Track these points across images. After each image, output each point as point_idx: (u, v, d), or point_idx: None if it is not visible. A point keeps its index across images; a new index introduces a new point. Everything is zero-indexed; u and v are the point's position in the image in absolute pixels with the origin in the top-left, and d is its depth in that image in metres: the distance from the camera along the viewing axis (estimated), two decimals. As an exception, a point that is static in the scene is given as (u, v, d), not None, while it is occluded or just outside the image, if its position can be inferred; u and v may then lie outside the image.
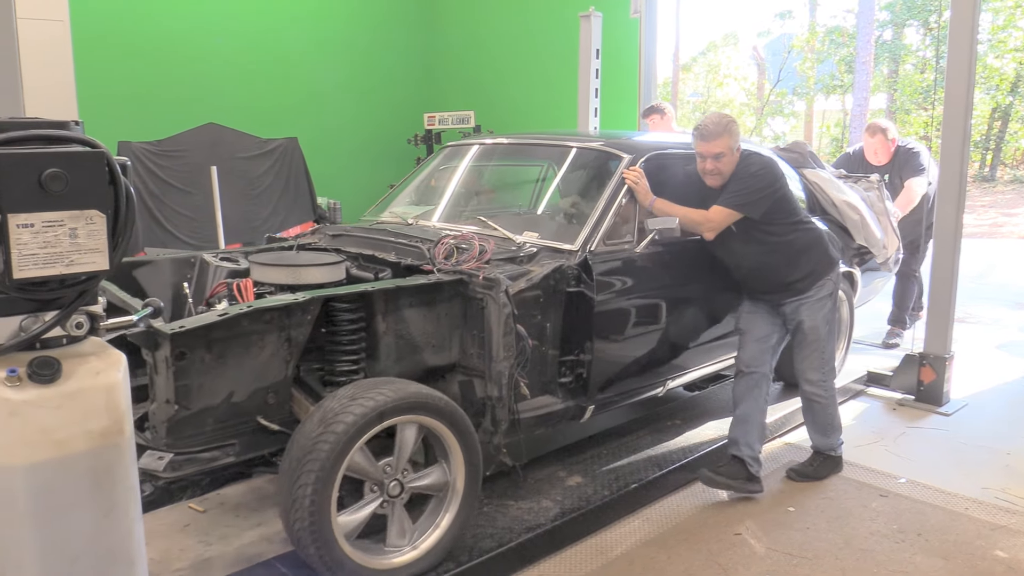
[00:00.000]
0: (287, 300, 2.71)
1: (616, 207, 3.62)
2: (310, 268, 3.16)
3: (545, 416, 3.35)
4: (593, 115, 6.80)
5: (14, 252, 1.56)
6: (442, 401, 2.81)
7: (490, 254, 3.23)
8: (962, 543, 3.30)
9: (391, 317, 3.00)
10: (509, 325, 2.98)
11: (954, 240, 4.70)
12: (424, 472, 2.90)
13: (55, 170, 1.58)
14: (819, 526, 3.44)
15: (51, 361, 1.65)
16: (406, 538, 2.83)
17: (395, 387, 2.72)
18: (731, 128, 3.53)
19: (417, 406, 2.73)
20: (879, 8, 20.10)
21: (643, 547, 3.27)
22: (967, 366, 5.50)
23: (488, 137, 4.80)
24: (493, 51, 9.50)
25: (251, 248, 4.04)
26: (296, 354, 2.80)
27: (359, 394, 2.65)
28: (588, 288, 3.34)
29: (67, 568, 1.70)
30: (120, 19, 7.66)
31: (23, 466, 1.62)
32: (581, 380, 3.44)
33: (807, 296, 3.67)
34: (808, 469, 3.91)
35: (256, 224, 6.99)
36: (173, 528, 3.20)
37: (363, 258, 3.52)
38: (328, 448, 2.53)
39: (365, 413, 2.59)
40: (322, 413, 2.61)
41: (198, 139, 6.98)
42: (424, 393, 2.76)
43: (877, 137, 5.82)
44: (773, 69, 23.85)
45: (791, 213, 3.67)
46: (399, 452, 2.79)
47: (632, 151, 3.83)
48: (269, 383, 2.75)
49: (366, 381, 2.78)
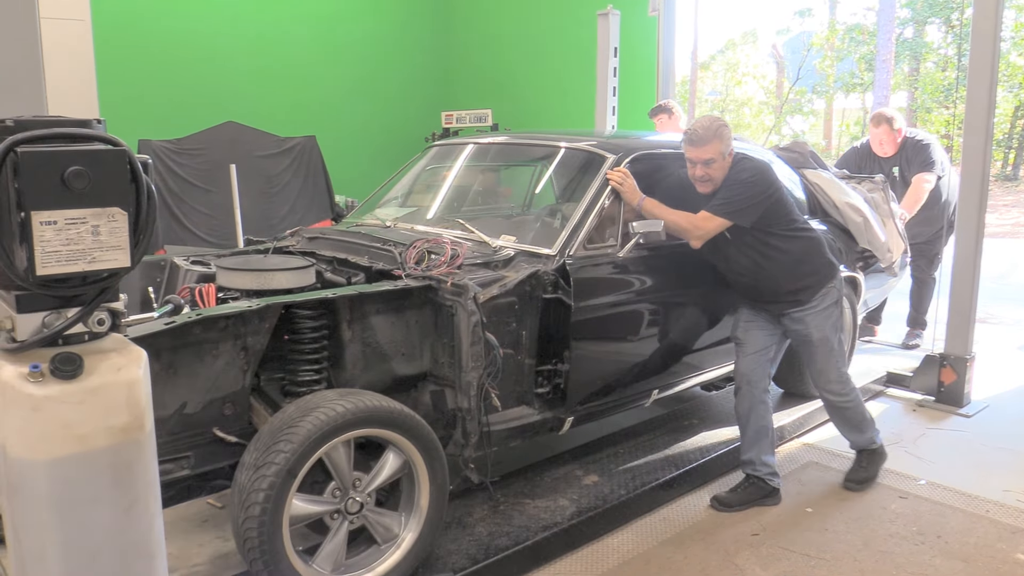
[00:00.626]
0: (240, 307, 2.60)
1: (599, 209, 3.46)
2: (276, 273, 3.01)
3: (520, 428, 3.21)
4: (611, 114, 6.79)
5: (37, 249, 1.58)
6: (419, 424, 2.69)
7: (462, 259, 3.09)
8: (983, 546, 3.27)
9: (357, 324, 2.88)
10: (477, 334, 2.86)
11: (976, 240, 4.65)
12: (384, 511, 2.78)
13: (78, 168, 1.59)
14: (837, 527, 3.42)
15: (73, 357, 1.67)
16: (333, 566, 2.66)
17: (366, 397, 2.60)
18: (722, 133, 3.38)
19: (393, 423, 2.62)
20: (900, 5, 19.93)
21: (660, 547, 3.26)
22: (988, 367, 5.44)
23: (475, 137, 4.63)
24: (511, 49, 9.50)
25: (225, 251, 3.92)
26: (254, 363, 2.70)
27: (308, 408, 2.53)
28: (565, 294, 3.18)
29: (88, 562, 1.72)
30: (141, 18, 7.73)
31: (45, 461, 1.64)
32: (559, 391, 3.30)
33: (810, 307, 3.54)
34: (862, 473, 3.82)
35: (274, 222, 7.02)
36: (192, 523, 3.23)
37: (337, 262, 3.40)
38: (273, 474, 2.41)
39: (325, 422, 2.48)
40: (269, 432, 2.50)
41: (217, 137, 7.04)
42: (382, 407, 2.62)
43: (882, 127, 5.61)
44: (792, 67, 23.68)
45: (787, 220, 3.52)
46: (375, 472, 2.70)
47: (618, 151, 3.67)
48: (225, 393, 2.65)
49: (316, 395, 2.65)
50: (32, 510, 1.67)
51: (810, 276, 3.55)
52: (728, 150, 3.43)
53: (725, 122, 3.47)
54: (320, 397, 2.59)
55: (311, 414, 2.49)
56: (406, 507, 2.81)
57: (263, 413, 2.76)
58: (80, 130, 1.65)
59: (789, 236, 3.52)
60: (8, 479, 1.69)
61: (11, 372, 1.63)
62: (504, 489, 3.51)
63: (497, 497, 3.44)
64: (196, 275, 3.26)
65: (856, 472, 3.83)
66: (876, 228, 4.66)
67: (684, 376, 3.95)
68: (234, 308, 2.59)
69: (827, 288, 3.58)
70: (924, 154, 5.53)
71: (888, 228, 4.80)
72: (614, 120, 6.84)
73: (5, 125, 1.62)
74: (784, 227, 3.52)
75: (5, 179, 1.56)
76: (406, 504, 2.81)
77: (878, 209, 4.80)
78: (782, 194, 3.53)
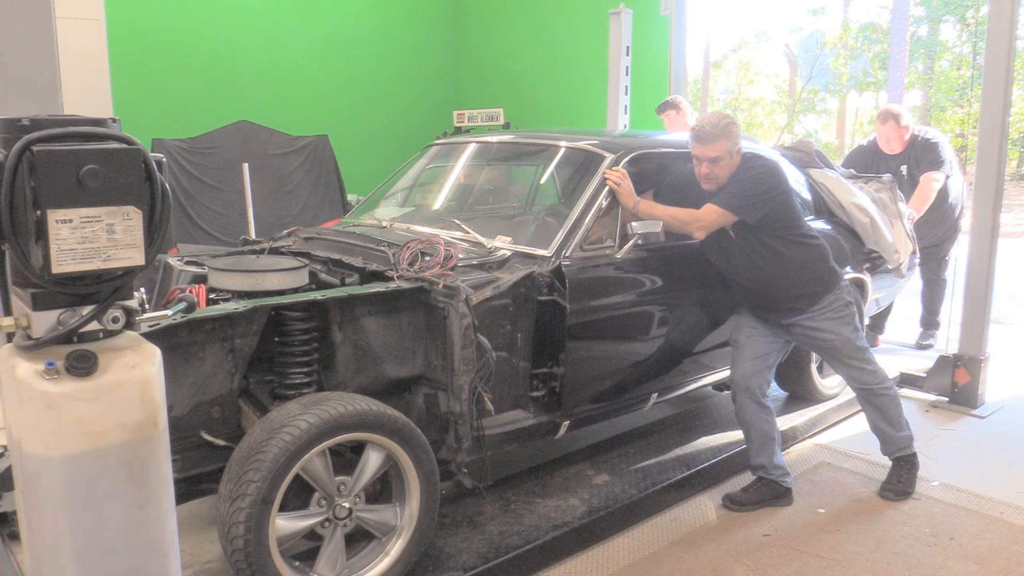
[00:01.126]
0: (227, 309, 2.55)
1: (596, 210, 3.41)
2: (268, 274, 2.94)
3: (515, 432, 3.16)
4: (623, 112, 6.77)
5: (53, 247, 1.59)
6: (392, 418, 2.63)
7: (455, 260, 3.05)
8: (996, 548, 3.25)
9: (348, 326, 2.83)
10: (469, 336, 2.80)
11: (991, 239, 4.61)
12: (376, 507, 2.75)
13: (93, 167, 1.60)
14: (850, 528, 3.40)
15: (88, 354, 1.68)
16: (335, 570, 2.64)
17: (330, 405, 2.52)
18: (730, 130, 3.32)
19: (363, 424, 2.55)
20: (914, 3, 19.79)
21: (671, 547, 3.25)
22: (1003, 368, 5.40)
23: (475, 136, 4.58)
24: (523, 48, 9.50)
25: (220, 251, 3.87)
26: (242, 366, 2.67)
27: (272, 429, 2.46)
28: (561, 296, 3.13)
29: (102, 558, 1.73)
30: (154, 19, 7.78)
31: (59, 457, 1.65)
32: (555, 394, 3.25)
33: (817, 313, 3.48)
34: (898, 485, 3.68)
35: (287, 221, 7.06)
36: (204, 521, 3.24)
37: (332, 263, 3.34)
38: (248, 506, 2.37)
39: (291, 442, 2.42)
40: (238, 460, 2.45)
41: (230, 136, 7.08)
42: (346, 412, 2.53)
43: (889, 124, 5.50)
44: (805, 66, 23.57)
45: (792, 225, 3.47)
46: (359, 473, 2.65)
47: (617, 150, 3.61)
48: (213, 396, 2.62)
49: (280, 410, 2.56)
50: (47, 506, 1.68)
51: (811, 284, 3.49)
52: (736, 148, 3.38)
53: (734, 119, 3.41)
54: (284, 413, 2.51)
55: (275, 436, 2.43)
56: (399, 497, 2.77)
57: (252, 416, 2.72)
58: (95, 129, 1.66)
59: (792, 242, 3.46)
60: (23, 475, 1.71)
61: (26, 369, 1.64)
62: (515, 488, 3.52)
63: (508, 496, 3.45)
64: (190, 276, 3.21)
65: (894, 484, 3.70)
66: (883, 229, 4.58)
67: (683, 379, 3.89)
68: (221, 310, 2.55)
69: (831, 296, 3.51)
70: (933, 153, 5.44)
71: (896, 229, 4.71)
72: (626, 119, 6.82)
73: (21, 124, 1.63)
74: (788, 232, 3.46)
75: (21, 177, 1.58)
76: (399, 495, 2.77)
77: (885, 209, 4.71)
78: (789, 197, 3.48)
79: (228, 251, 3.73)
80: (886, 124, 5.54)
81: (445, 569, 2.89)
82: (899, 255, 4.70)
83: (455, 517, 3.27)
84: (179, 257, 3.50)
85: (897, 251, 4.67)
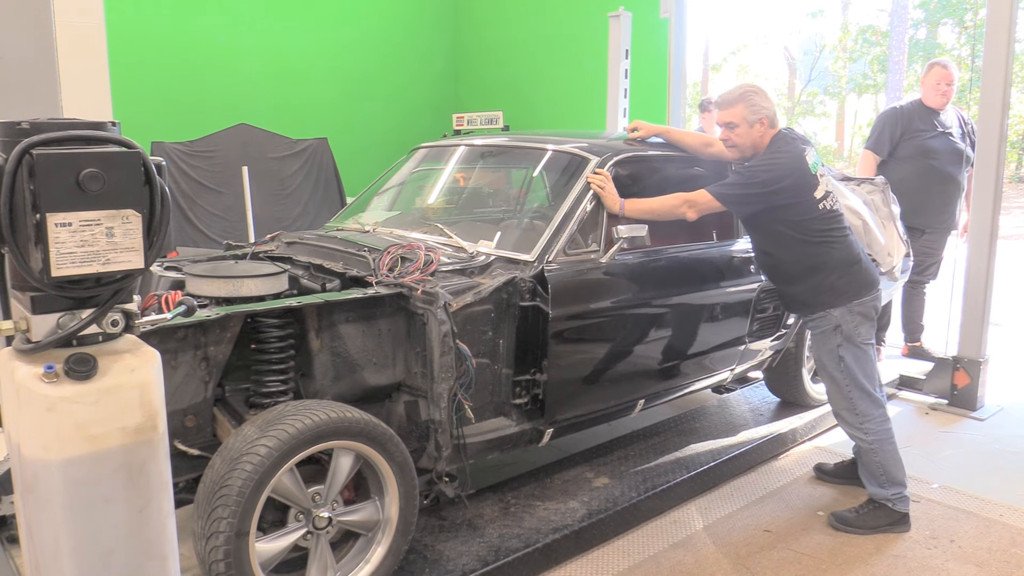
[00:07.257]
0: (199, 317, 2.48)
1: (580, 213, 3.33)
2: (246, 280, 2.85)
3: (497, 440, 3.10)
4: (622, 116, 6.77)
5: (52, 250, 1.59)
6: (351, 420, 2.56)
7: (436, 265, 2.97)
8: (996, 550, 3.25)
9: (326, 333, 2.78)
10: (448, 343, 2.74)
11: (990, 242, 4.62)
12: (355, 507, 2.70)
13: (93, 170, 1.60)
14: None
15: (87, 358, 1.68)
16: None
17: (287, 424, 2.46)
18: (749, 98, 3.26)
19: (322, 435, 2.49)
20: (913, 6, 19.82)
21: (670, 549, 3.25)
22: (1002, 371, 5.40)
23: (462, 139, 4.47)
24: (522, 51, 9.51)
25: (201, 257, 3.77)
26: (216, 374, 2.63)
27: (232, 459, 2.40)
28: (543, 302, 3.05)
29: (101, 561, 1.73)
30: (154, 21, 7.78)
31: (59, 461, 1.65)
32: (538, 401, 3.18)
33: (804, 319, 3.44)
34: (849, 515, 3.43)
35: (286, 224, 7.06)
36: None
37: (313, 268, 3.27)
38: (223, 543, 2.33)
39: (252, 471, 2.36)
40: (205, 497, 2.39)
41: (230, 140, 7.08)
42: (305, 428, 2.46)
43: (936, 71, 5.13)
44: (804, 68, 23.62)
45: (799, 231, 3.33)
46: (331, 480, 2.60)
47: (602, 153, 3.54)
48: (186, 405, 2.58)
49: (237, 436, 2.49)
50: (46, 510, 1.68)
51: (809, 291, 3.40)
52: (756, 119, 3.29)
53: (758, 90, 3.33)
54: (242, 440, 2.43)
55: (236, 468, 2.36)
56: (377, 491, 2.73)
57: (227, 426, 2.67)
58: (95, 132, 1.66)
59: (799, 246, 3.37)
60: (22, 479, 1.71)
61: (26, 372, 1.65)
62: (515, 491, 3.51)
63: (507, 499, 3.44)
64: (169, 282, 3.12)
65: (847, 513, 3.45)
66: (876, 231, 4.43)
67: (671, 386, 3.80)
68: (193, 318, 2.46)
69: (825, 312, 3.39)
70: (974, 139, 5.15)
71: (888, 231, 4.63)
72: (625, 122, 6.83)
73: (21, 128, 1.63)
74: (801, 230, 3.34)
75: (21, 181, 1.58)
76: (376, 489, 2.73)
77: (877, 212, 4.55)
78: (796, 200, 3.30)
79: (208, 256, 3.67)
80: (933, 71, 5.26)
81: (444, 572, 2.88)
82: (892, 257, 4.62)
83: (454, 520, 3.26)
84: (159, 263, 3.40)
85: (890, 253, 4.59)
